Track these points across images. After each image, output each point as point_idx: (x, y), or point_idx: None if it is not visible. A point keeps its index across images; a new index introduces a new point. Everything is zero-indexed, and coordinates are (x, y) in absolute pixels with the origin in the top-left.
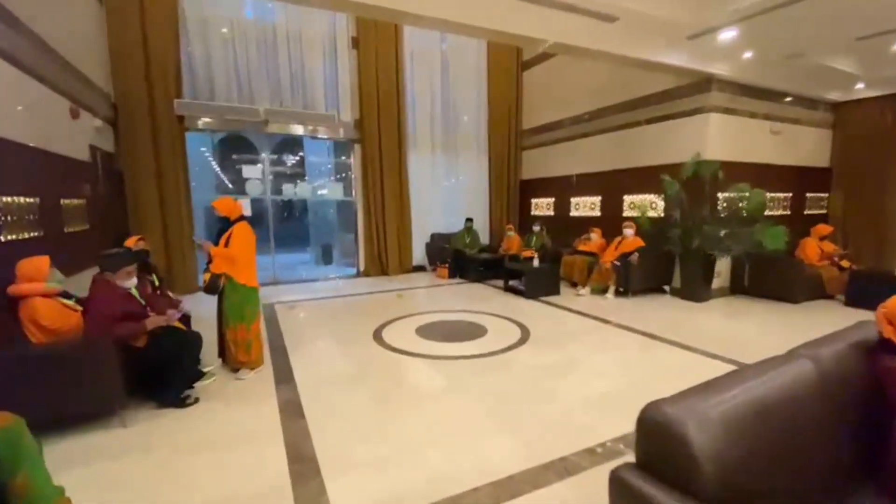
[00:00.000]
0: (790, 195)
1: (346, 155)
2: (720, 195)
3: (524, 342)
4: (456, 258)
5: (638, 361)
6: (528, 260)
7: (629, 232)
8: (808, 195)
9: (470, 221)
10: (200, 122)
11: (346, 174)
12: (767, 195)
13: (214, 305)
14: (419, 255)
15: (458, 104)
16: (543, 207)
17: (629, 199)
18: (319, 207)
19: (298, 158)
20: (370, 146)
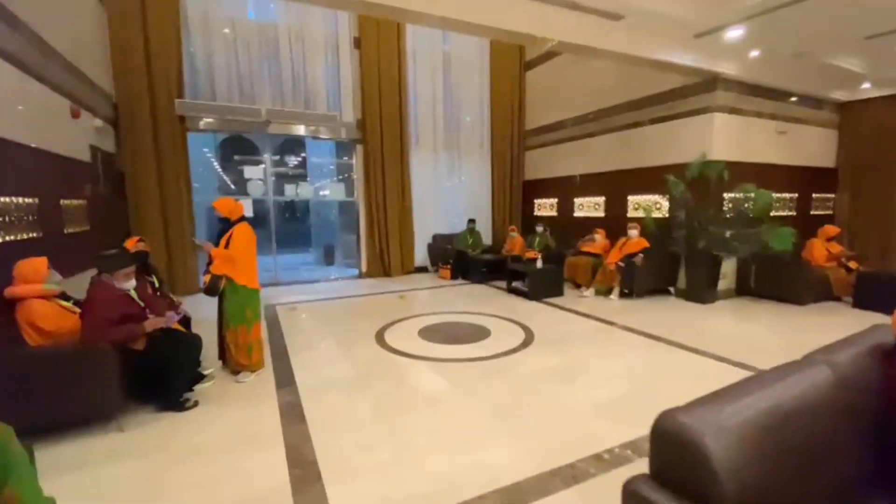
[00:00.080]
0: (796, 196)
1: (347, 155)
2: (726, 196)
3: (528, 345)
4: (458, 259)
5: (644, 364)
6: (531, 261)
7: (634, 233)
8: (813, 196)
9: (472, 222)
10: (202, 122)
11: (347, 175)
12: (773, 196)
13: (215, 307)
14: (421, 256)
15: (460, 104)
16: (546, 208)
17: (633, 199)
18: (321, 208)
19: (300, 159)
20: (372, 146)
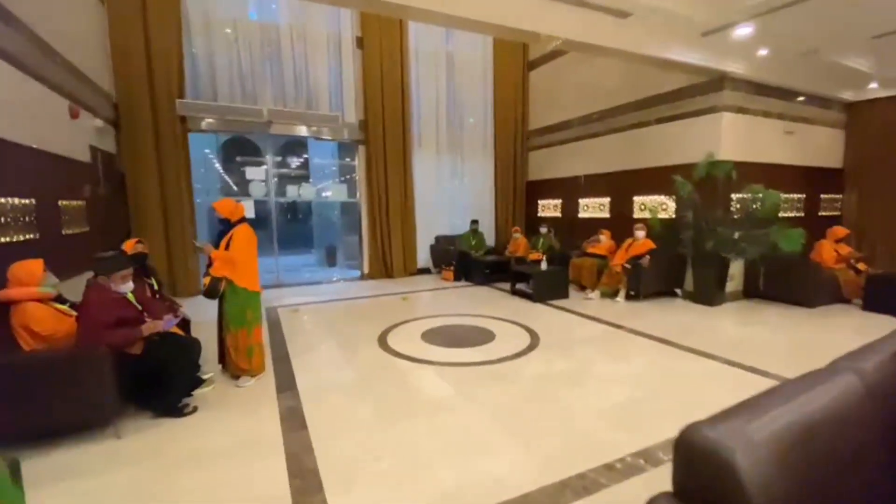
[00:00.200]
0: (803, 196)
1: (350, 156)
2: (733, 196)
3: (534, 348)
4: (461, 260)
5: (653, 369)
6: (535, 262)
7: (640, 234)
8: (821, 196)
9: (475, 223)
10: (203, 122)
11: (350, 176)
12: (781, 196)
13: (216, 309)
14: (424, 257)
15: (463, 104)
16: (550, 209)
17: (639, 200)
18: (323, 209)
19: (303, 160)
20: (375, 147)
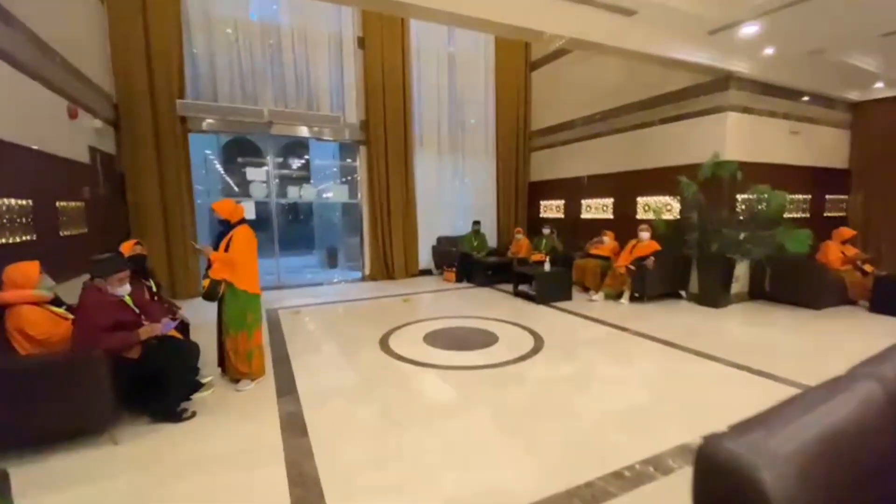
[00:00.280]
0: (809, 197)
1: (351, 157)
2: (738, 197)
3: (538, 351)
4: (463, 262)
5: (660, 372)
6: (537, 264)
7: (645, 235)
8: (827, 197)
9: (477, 224)
10: (204, 123)
11: (351, 177)
12: (788, 197)
13: (216, 311)
14: (425, 258)
15: (465, 105)
16: (553, 210)
17: (643, 200)
18: (324, 210)
19: (304, 161)
20: (376, 148)
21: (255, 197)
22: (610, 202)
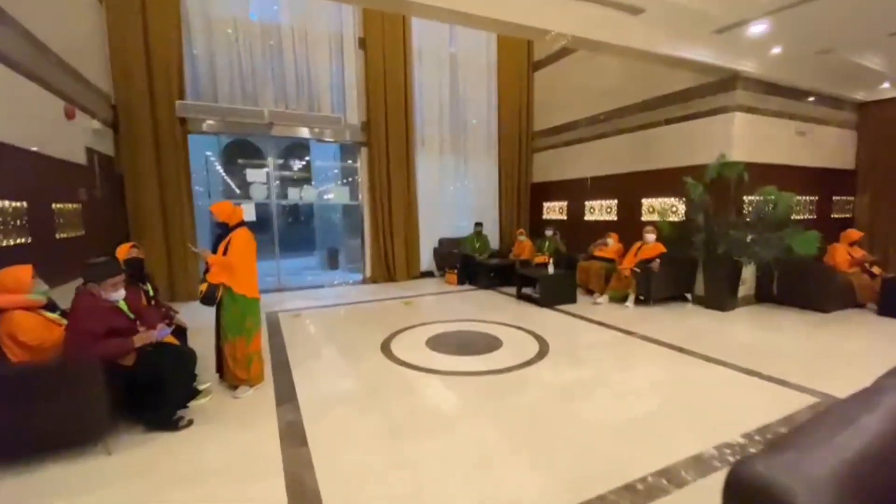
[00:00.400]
0: (816, 198)
1: (352, 158)
2: (745, 198)
3: (543, 356)
4: (465, 264)
5: (669, 378)
6: (540, 266)
7: (650, 237)
8: (833, 198)
9: (479, 226)
10: (204, 124)
11: (352, 178)
12: (795, 198)
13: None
14: (427, 260)
15: (467, 105)
16: (556, 211)
17: (647, 202)
18: (325, 211)
19: (305, 163)
20: (377, 149)
21: (255, 198)
22: (614, 204)
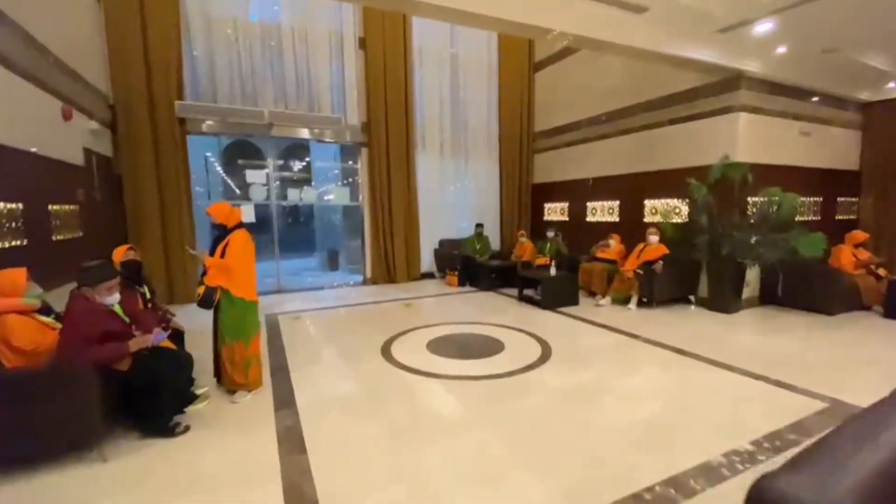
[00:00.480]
0: (820, 199)
1: (352, 159)
2: (749, 199)
3: (546, 360)
4: (466, 265)
5: (674, 382)
6: (542, 267)
7: (654, 238)
8: (838, 199)
9: (480, 227)
10: (203, 125)
11: (352, 179)
12: (799, 199)
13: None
14: (428, 261)
15: (467, 106)
16: (557, 212)
17: (650, 203)
18: (325, 212)
19: (305, 163)
20: (377, 149)
21: (255, 199)
22: (616, 205)
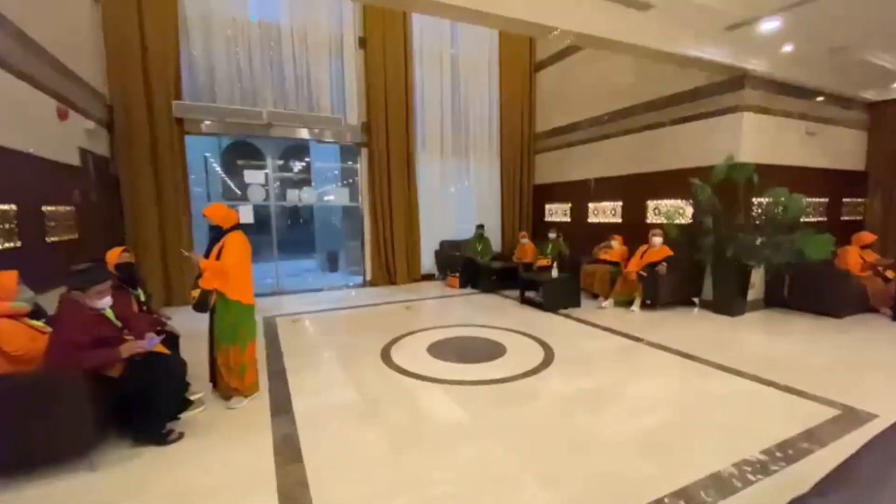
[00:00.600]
0: (826, 200)
1: (352, 160)
2: (754, 200)
3: (549, 364)
4: (467, 267)
5: (682, 388)
6: (544, 269)
7: (657, 240)
8: (844, 200)
9: (481, 228)
10: (202, 125)
11: (352, 179)
12: (805, 200)
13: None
14: (428, 263)
15: (468, 106)
16: (559, 213)
17: (653, 204)
18: (325, 213)
19: (305, 164)
20: (377, 150)
21: (253, 200)
22: (618, 206)
